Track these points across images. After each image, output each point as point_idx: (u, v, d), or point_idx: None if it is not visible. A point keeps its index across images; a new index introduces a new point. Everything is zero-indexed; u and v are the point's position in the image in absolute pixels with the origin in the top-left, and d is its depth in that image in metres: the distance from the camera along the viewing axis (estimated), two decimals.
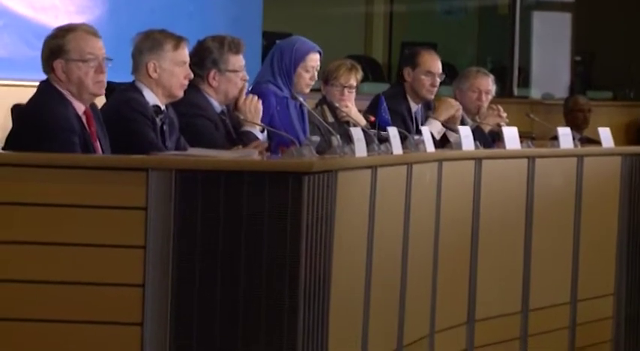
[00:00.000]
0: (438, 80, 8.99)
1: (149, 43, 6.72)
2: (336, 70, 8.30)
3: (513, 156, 8.19)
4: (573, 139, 8.98)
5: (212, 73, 7.18)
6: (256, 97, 7.27)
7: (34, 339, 5.64)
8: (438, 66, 8.92)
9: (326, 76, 8.19)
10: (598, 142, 9.43)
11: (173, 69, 6.63)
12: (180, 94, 6.86)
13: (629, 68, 13.29)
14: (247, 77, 7.59)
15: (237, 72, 7.32)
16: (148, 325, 5.59)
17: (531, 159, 8.27)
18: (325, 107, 8.13)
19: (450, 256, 7.32)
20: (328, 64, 8.24)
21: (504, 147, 8.22)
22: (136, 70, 6.78)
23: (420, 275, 6.96)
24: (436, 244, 7.15)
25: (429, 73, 8.89)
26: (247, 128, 7.19)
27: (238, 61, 7.29)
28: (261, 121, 7.41)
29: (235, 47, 7.26)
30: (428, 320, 7.14)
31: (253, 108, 7.16)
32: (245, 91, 7.36)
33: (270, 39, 9.79)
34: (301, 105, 7.71)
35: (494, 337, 7.90)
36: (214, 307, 5.46)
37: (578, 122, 10.01)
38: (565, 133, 8.87)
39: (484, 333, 7.75)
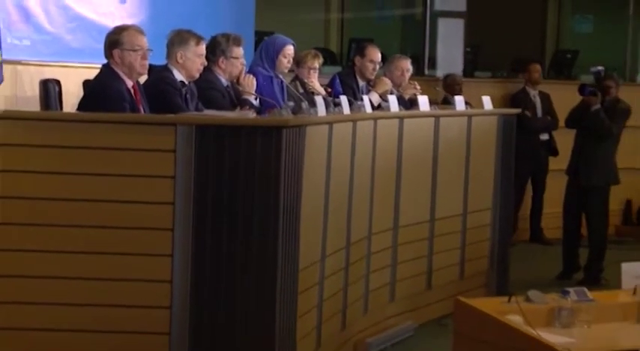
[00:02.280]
0: (378, 66, 8.84)
1: (179, 38, 6.84)
2: (304, 57, 8.35)
3: (425, 116, 8.21)
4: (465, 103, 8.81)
5: (221, 59, 7.27)
6: (251, 76, 7.29)
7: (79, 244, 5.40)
8: (378, 56, 8.87)
9: (297, 61, 8.19)
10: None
11: (194, 58, 6.79)
12: (197, 75, 6.97)
13: (502, 56, 13.08)
14: (245, 62, 7.49)
15: (238, 58, 7.43)
16: (177, 231, 5.45)
17: (437, 118, 8.26)
18: (297, 82, 8.19)
19: (382, 183, 7.37)
20: (299, 53, 8.11)
21: (419, 109, 8.08)
22: (168, 56, 6.91)
23: (362, 196, 7.04)
24: (372, 175, 7.24)
25: (372, 61, 8.78)
26: (245, 97, 7.05)
27: (239, 51, 7.43)
28: (254, 92, 7.21)
29: (237, 41, 7.40)
30: (367, 226, 7.19)
31: (249, 83, 7.20)
32: (244, 71, 7.22)
33: (259, 36, 9.63)
34: (281, 81, 7.74)
35: (411, 238, 7.98)
36: (222, 213, 5.42)
37: (455, 92, 9.92)
38: (459, 100, 8.72)
39: (404, 235, 7.80)
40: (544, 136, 11.70)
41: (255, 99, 7.50)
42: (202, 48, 6.91)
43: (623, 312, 4.71)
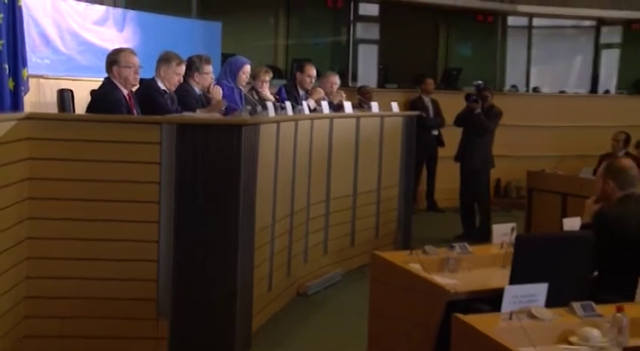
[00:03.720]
0: (314, 79, 8.77)
1: (165, 57, 6.73)
2: (258, 72, 8.20)
3: (349, 116, 8.15)
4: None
5: (195, 74, 7.08)
6: (218, 87, 7.09)
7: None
8: (314, 72, 8.75)
9: (253, 76, 8.03)
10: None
11: (173, 75, 6.59)
12: (174, 87, 6.77)
13: (405, 73, 13.06)
14: (213, 77, 7.27)
15: (209, 74, 7.24)
16: (162, 204, 5.44)
17: (358, 118, 8.18)
18: (253, 92, 8.02)
19: (317, 166, 7.36)
20: (254, 70, 8.01)
21: (344, 111, 8.04)
22: (155, 70, 6.70)
23: (302, 177, 7.04)
24: (310, 161, 7.20)
25: (309, 75, 8.67)
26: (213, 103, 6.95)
27: (209, 68, 7.26)
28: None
29: (207, 60, 7.24)
30: (306, 199, 7.18)
31: (217, 92, 6.97)
32: (213, 83, 7.10)
33: (224, 57, 9.50)
34: (240, 91, 7.62)
35: (338, 208, 7.94)
36: (197, 190, 5.40)
37: (368, 99, 9.88)
38: (375, 105, 8.69)
39: (334, 205, 7.80)
40: (435, 132, 11.73)
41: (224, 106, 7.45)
42: (181, 68, 6.74)
43: (493, 260, 4.75)
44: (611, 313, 3.40)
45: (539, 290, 3.59)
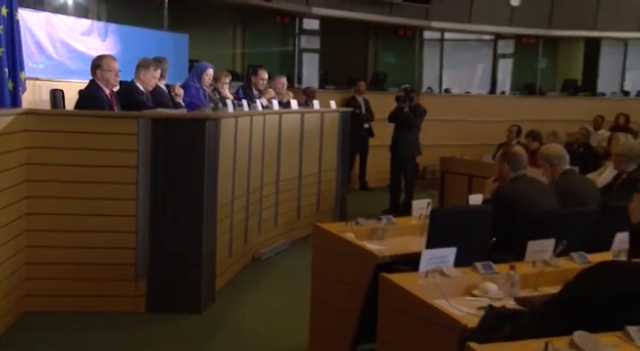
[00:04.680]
0: (266, 82, 8.73)
1: (144, 63, 6.66)
2: (220, 75, 8.14)
3: (295, 112, 8.12)
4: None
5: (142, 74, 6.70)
6: (181, 88, 7.02)
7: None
8: (265, 75, 8.71)
9: (215, 78, 7.95)
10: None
11: (150, 78, 6.47)
12: (150, 88, 6.68)
13: (341, 76, 13.06)
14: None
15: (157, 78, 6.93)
16: (140, 185, 5.40)
17: (302, 114, 8.15)
18: (215, 92, 7.92)
19: (269, 153, 7.34)
20: (216, 73, 7.95)
21: (292, 108, 8.02)
22: (135, 73, 6.63)
23: (256, 162, 6.99)
24: (263, 148, 7.21)
25: (262, 78, 8.63)
26: (178, 101, 6.85)
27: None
28: (185, 97, 7.29)
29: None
30: (259, 180, 7.09)
31: (179, 93, 6.90)
32: (178, 85, 7.07)
33: (191, 63, 9.43)
34: (205, 91, 7.54)
35: (287, 187, 7.98)
36: (169, 173, 5.39)
37: (312, 97, 9.82)
38: (316, 103, 8.69)
39: (283, 185, 7.79)
40: (366, 125, 11.71)
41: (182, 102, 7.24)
42: (157, 72, 6.67)
43: (413, 230, 4.76)
44: (506, 271, 3.45)
45: (449, 253, 3.62)
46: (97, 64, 5.93)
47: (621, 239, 3.96)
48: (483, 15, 14.41)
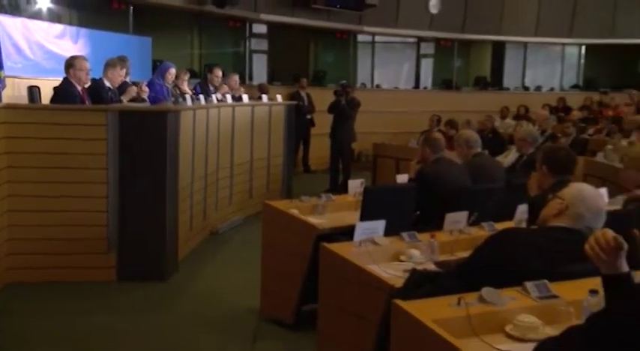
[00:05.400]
0: (220, 79, 8.64)
1: (111, 62, 6.51)
2: (179, 73, 8.02)
3: (246, 105, 8.07)
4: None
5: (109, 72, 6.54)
6: (146, 86, 6.82)
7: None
8: (220, 73, 8.61)
9: (176, 76, 7.82)
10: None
11: (116, 76, 6.36)
12: (117, 85, 6.48)
13: (287, 74, 13.01)
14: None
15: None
16: (110, 170, 5.32)
17: (253, 107, 8.10)
18: (176, 88, 7.79)
19: (224, 141, 7.30)
20: (178, 71, 7.84)
21: (243, 101, 7.98)
22: (103, 72, 6.42)
23: (213, 148, 6.93)
24: (218, 137, 7.14)
25: (217, 76, 8.54)
26: (143, 96, 6.68)
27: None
28: (150, 92, 6.95)
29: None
30: (216, 164, 7.04)
31: (144, 89, 6.71)
32: (144, 82, 6.90)
33: (154, 63, 9.30)
34: (167, 87, 7.40)
35: (240, 170, 7.95)
36: (135, 160, 5.30)
37: (263, 92, 9.74)
38: (265, 97, 8.65)
39: (237, 169, 7.73)
40: (308, 116, 11.69)
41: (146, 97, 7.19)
42: (123, 71, 6.55)
43: (349, 205, 4.77)
44: (427, 239, 3.48)
45: (379, 225, 3.64)
46: (70, 63, 5.82)
47: (522, 210, 4.05)
48: (407, 21, 14.51)
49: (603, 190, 4.23)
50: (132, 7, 10.91)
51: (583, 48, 16.73)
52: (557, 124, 10.52)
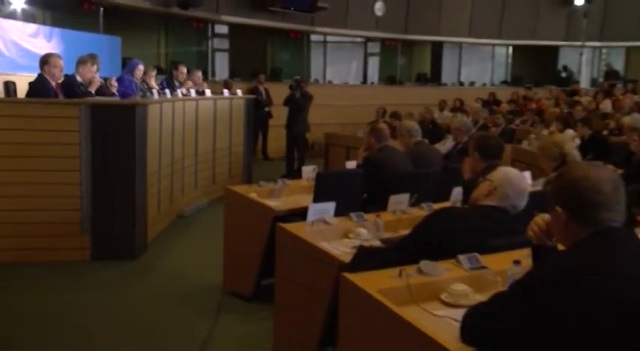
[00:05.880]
0: (185, 75, 8.53)
1: (82, 59, 6.31)
2: (147, 69, 7.90)
3: (209, 99, 7.98)
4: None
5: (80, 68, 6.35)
6: (115, 81, 6.68)
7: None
8: (184, 70, 8.51)
9: (144, 72, 7.69)
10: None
11: (87, 72, 6.21)
12: (87, 81, 6.22)
13: (246, 70, 12.91)
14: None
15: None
16: (82, 159, 5.22)
17: (215, 100, 8.00)
18: (144, 83, 7.64)
19: (188, 132, 7.21)
20: (146, 68, 7.72)
21: (206, 96, 7.88)
22: (75, 69, 6.21)
23: (178, 138, 6.85)
24: (183, 128, 7.03)
25: (182, 73, 8.45)
26: (113, 91, 6.60)
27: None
28: (120, 87, 6.85)
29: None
30: (181, 153, 6.99)
31: (113, 84, 6.62)
32: (114, 78, 6.77)
33: (124, 60, 9.13)
34: (136, 83, 7.26)
35: (204, 159, 7.84)
36: (106, 149, 5.20)
37: (227, 87, 9.63)
38: (226, 92, 8.63)
39: (201, 157, 7.67)
40: (266, 109, 11.61)
41: (115, 91, 6.97)
42: (94, 67, 6.37)
43: (303, 189, 4.78)
44: (373, 219, 3.49)
45: (330, 206, 3.64)
46: (45, 60, 5.68)
47: (457, 192, 4.08)
48: (355, 23, 14.53)
49: (527, 173, 4.32)
50: (102, 9, 10.73)
51: (510, 48, 17.04)
52: (489, 116, 10.68)
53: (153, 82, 8.03)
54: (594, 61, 17.42)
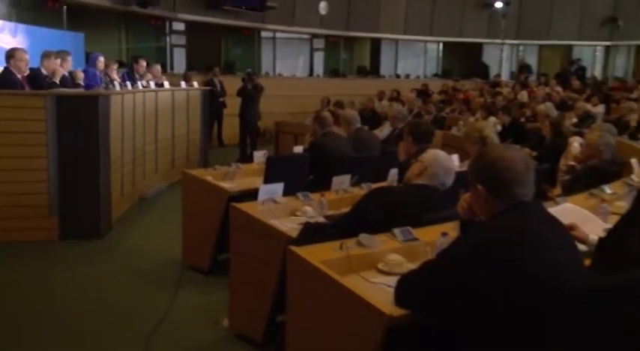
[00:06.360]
0: (145, 68, 8.33)
1: (46, 54, 6.16)
2: (109, 63, 7.77)
3: (168, 90, 7.87)
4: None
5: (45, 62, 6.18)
6: (81, 72, 6.46)
7: None
8: (144, 64, 8.40)
9: (106, 65, 7.52)
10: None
11: (51, 65, 6.05)
12: (51, 73, 6.08)
13: (202, 64, 12.72)
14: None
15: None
16: (49, 147, 5.07)
17: (173, 92, 7.86)
18: (107, 75, 7.41)
19: (149, 120, 7.02)
20: (107, 61, 7.54)
21: (165, 87, 7.70)
22: (40, 63, 6.03)
23: (139, 127, 6.73)
24: (144, 117, 6.85)
25: (142, 66, 8.31)
26: (77, 82, 6.37)
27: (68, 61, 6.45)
28: (85, 80, 6.64)
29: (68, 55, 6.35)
30: (142, 140, 6.84)
31: (79, 76, 6.39)
32: (80, 70, 6.57)
33: (87, 55, 8.83)
34: (99, 75, 7.03)
35: (164, 145, 7.71)
36: (71, 137, 5.05)
37: (186, 80, 9.43)
38: (183, 83, 8.47)
39: (161, 144, 7.48)
40: (221, 99, 11.36)
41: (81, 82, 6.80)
42: (58, 61, 6.19)
43: (255, 172, 4.72)
44: (318, 198, 3.51)
45: (278, 187, 3.63)
46: (11, 55, 5.48)
47: (393, 173, 4.11)
48: (302, 20, 14.44)
49: (455, 156, 4.42)
50: (65, 6, 10.38)
51: (441, 45, 17.24)
52: (422, 105, 10.82)
53: (115, 75, 7.80)
54: (512, 57, 17.85)
